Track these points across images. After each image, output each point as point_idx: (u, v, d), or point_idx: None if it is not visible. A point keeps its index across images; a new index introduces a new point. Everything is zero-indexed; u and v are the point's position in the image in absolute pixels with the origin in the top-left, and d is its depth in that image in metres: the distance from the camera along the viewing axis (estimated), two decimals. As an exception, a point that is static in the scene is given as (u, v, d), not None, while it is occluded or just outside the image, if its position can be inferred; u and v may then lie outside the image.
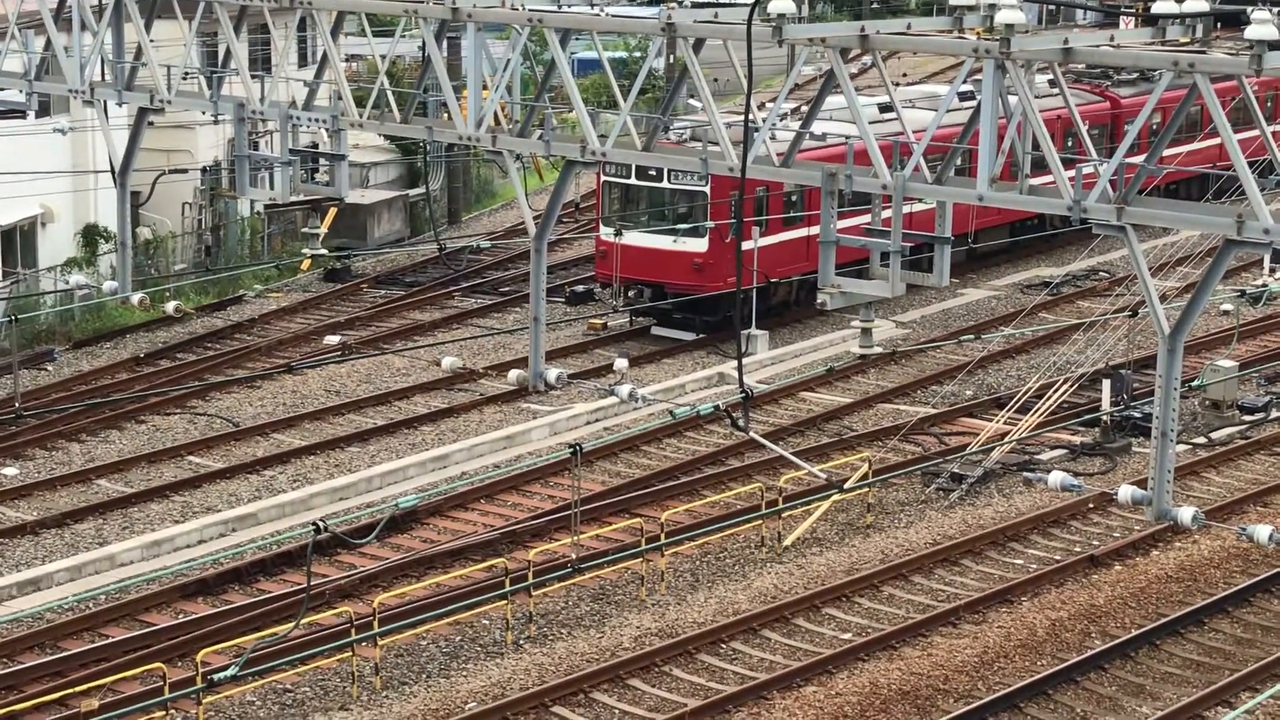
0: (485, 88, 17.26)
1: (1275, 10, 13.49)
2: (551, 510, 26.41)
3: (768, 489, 26.35)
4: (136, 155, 20.88)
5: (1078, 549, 25.64)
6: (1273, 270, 32.09)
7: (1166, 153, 33.23)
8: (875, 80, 39.20)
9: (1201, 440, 30.01)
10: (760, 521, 25.38)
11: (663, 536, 24.31)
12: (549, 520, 25.92)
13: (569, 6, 17.62)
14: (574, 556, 13.95)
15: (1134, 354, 31.67)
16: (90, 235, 38.45)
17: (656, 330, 36.97)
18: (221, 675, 11.64)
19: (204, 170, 41.66)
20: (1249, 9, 13.14)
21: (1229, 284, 27.46)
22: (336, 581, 23.70)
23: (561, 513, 25.18)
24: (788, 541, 25.68)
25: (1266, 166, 15.29)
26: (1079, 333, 32.67)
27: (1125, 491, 13.87)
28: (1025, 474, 27.58)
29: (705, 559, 25.16)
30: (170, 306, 22.12)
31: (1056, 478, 14.60)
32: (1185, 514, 13.54)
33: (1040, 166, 14.71)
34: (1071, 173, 14.09)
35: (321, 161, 20.32)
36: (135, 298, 20.85)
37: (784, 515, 25.77)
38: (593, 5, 17.78)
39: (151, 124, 21.67)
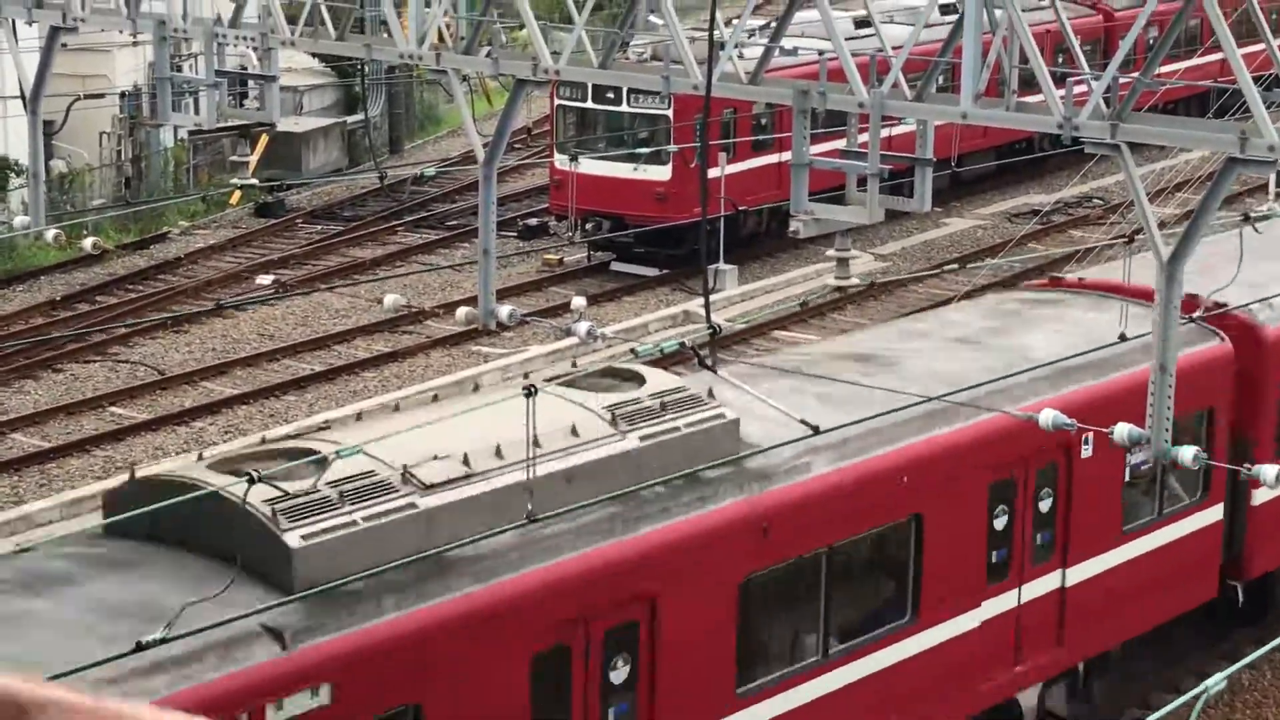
0: (428, 2, 17.18)
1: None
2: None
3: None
4: (49, 80, 20.71)
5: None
6: (1278, 194, 32.24)
7: (1164, 70, 33.26)
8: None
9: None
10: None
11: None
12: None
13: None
14: (529, 508, 14.00)
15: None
16: (-1, 168, 38.20)
17: (617, 266, 36.97)
18: (150, 639, 11.65)
19: (122, 96, 41.35)
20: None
21: (1230, 209, 27.56)
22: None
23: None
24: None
25: (1272, 81, 15.32)
26: (1071, 263, 32.79)
27: (1121, 430, 13.95)
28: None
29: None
30: (88, 243, 22.02)
31: (1048, 416, 14.67)
32: (1186, 453, 13.64)
33: (1028, 85, 14.73)
34: (1062, 91, 14.11)
35: (251, 84, 20.23)
36: (50, 234, 20.75)
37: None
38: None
39: (64, 46, 21.48)
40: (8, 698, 0.85)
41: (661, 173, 35.30)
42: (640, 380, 16.09)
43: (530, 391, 13.89)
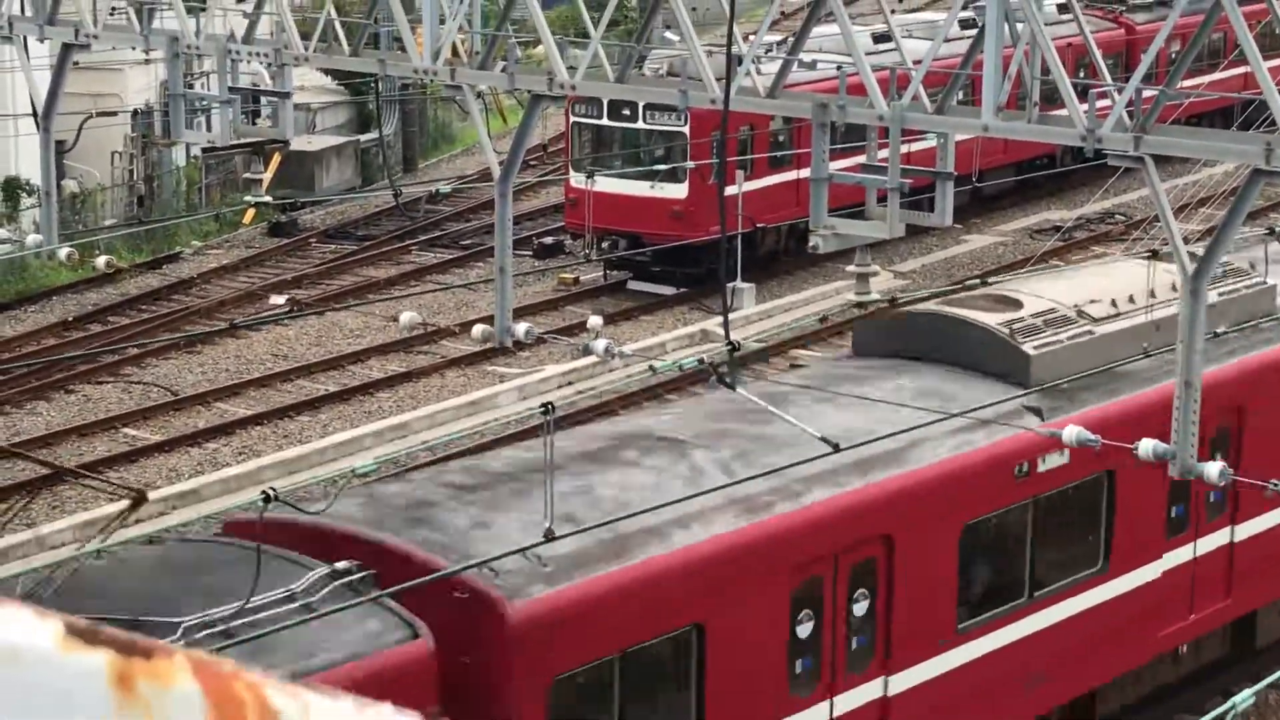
0: (442, 18, 17.23)
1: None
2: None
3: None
4: (60, 98, 20.80)
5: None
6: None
7: (1187, 83, 33.24)
8: (867, 9, 39.22)
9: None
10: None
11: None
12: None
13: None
14: (548, 525, 14.01)
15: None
16: (11, 188, 38.30)
17: (634, 284, 37.00)
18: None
19: (135, 114, 41.49)
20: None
21: (1255, 224, 27.55)
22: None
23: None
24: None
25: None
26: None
27: (1146, 446, 13.96)
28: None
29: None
30: (101, 261, 22.10)
31: (1072, 433, 14.68)
32: (1212, 469, 13.64)
33: (1050, 100, 14.76)
34: (1085, 104, 14.14)
35: (264, 102, 20.29)
36: (62, 253, 20.83)
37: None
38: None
39: (77, 64, 21.59)
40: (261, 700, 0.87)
41: (678, 190, 35.33)
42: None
43: (1154, 254, 19.76)
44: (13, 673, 0.93)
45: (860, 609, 16.58)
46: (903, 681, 16.99)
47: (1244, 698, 10.33)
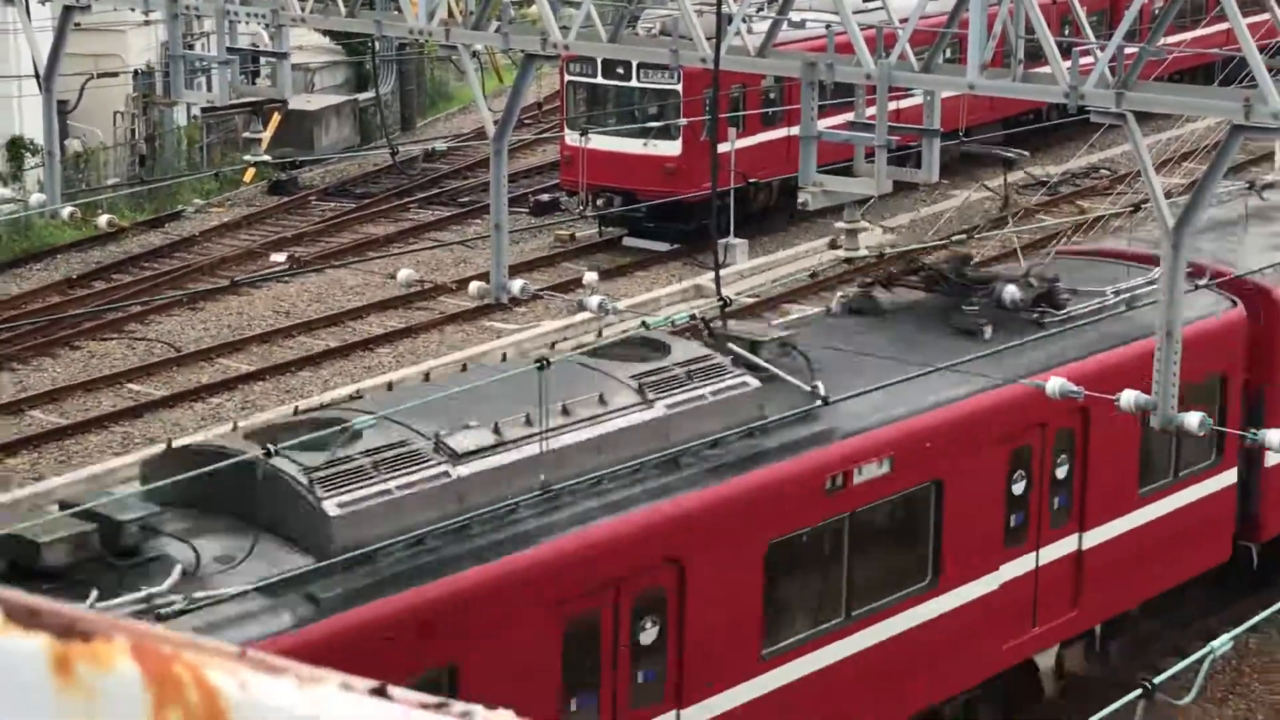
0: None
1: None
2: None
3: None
4: (62, 59, 20.74)
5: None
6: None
7: (1169, 40, 33.15)
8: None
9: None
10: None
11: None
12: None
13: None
14: (542, 477, 14.02)
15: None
16: (15, 147, 38.20)
17: (628, 241, 36.95)
18: (167, 610, 11.71)
19: (136, 75, 41.35)
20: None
21: (1236, 177, 27.51)
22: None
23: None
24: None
25: (1277, 50, 15.29)
26: (1078, 233, 32.74)
27: (1128, 397, 13.96)
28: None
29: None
30: (103, 220, 22.08)
31: (1055, 384, 14.69)
32: (1192, 419, 13.65)
33: (1034, 58, 14.71)
34: (1068, 62, 14.10)
35: (263, 62, 20.23)
36: (65, 212, 20.79)
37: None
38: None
39: (78, 25, 21.51)
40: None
41: (672, 148, 35.25)
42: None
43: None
44: None
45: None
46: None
47: (1222, 643, 10.36)
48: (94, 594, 11.82)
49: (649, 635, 14.16)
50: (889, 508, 16.30)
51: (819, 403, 15.19)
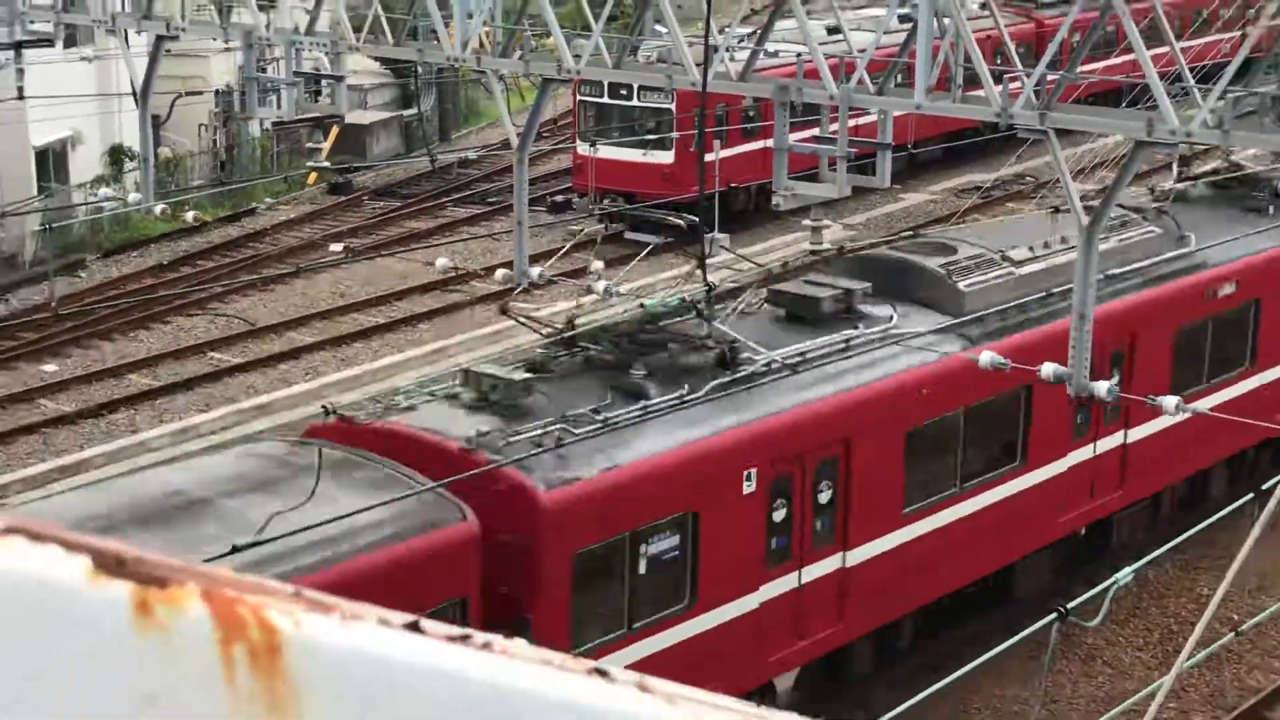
0: (470, 14, 17.09)
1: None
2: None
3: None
4: (155, 80, 20.69)
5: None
6: (1180, 174, 32.05)
7: (1085, 68, 33.02)
8: (821, 6, 38.89)
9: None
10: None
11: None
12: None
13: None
14: (556, 434, 13.98)
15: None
16: (116, 154, 38.10)
17: (629, 235, 36.85)
18: (242, 541, 11.69)
19: (217, 94, 41.24)
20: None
21: (1141, 184, 27.44)
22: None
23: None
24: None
25: (1175, 77, 15.25)
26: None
27: (1047, 369, 13.94)
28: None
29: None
30: (190, 216, 22.04)
31: (987, 358, 14.66)
32: (1101, 388, 13.63)
33: (971, 82, 14.66)
34: (1000, 86, 14.05)
35: (323, 83, 20.15)
36: (158, 208, 20.77)
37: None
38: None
39: (168, 51, 21.45)
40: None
41: (666, 156, 35.16)
42: None
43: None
44: (47, 602, 0.91)
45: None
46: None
47: (1124, 574, 10.35)
48: (853, 329, 16.51)
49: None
50: (1234, 314, 21.28)
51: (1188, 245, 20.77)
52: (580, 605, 13.30)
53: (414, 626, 1.01)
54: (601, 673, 1.06)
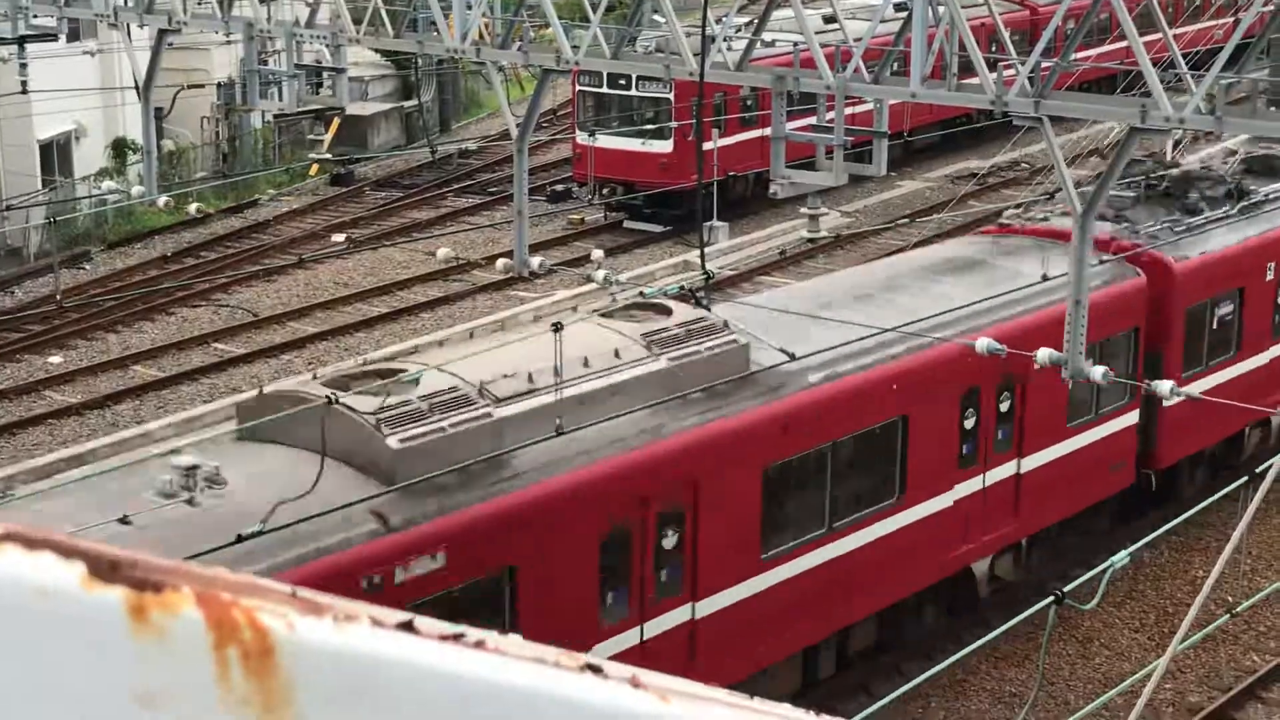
0: (470, 5, 17.06)
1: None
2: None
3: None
4: (158, 73, 20.65)
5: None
6: (1173, 160, 32.02)
7: (1079, 55, 32.97)
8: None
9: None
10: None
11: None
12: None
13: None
14: (558, 420, 14.00)
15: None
16: (119, 147, 38.06)
17: (629, 224, 36.84)
18: (250, 529, 11.72)
19: (219, 86, 41.19)
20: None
21: (1135, 170, 27.41)
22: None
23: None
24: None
25: (1168, 64, 15.23)
26: (1003, 217, 32.62)
27: (1043, 354, 13.95)
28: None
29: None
30: (193, 208, 22.01)
31: (983, 344, 14.66)
32: (1096, 371, 13.63)
33: (966, 70, 14.64)
34: (995, 74, 14.03)
35: (324, 75, 20.12)
36: (161, 200, 20.73)
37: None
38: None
39: (171, 45, 21.41)
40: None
41: (665, 146, 35.13)
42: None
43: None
44: (43, 608, 0.91)
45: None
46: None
47: (1120, 558, 10.36)
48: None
49: None
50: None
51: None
52: (1188, 346, 20.42)
53: (407, 626, 1.01)
54: (595, 669, 1.06)
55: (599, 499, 13.57)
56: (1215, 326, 20.93)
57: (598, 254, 28.28)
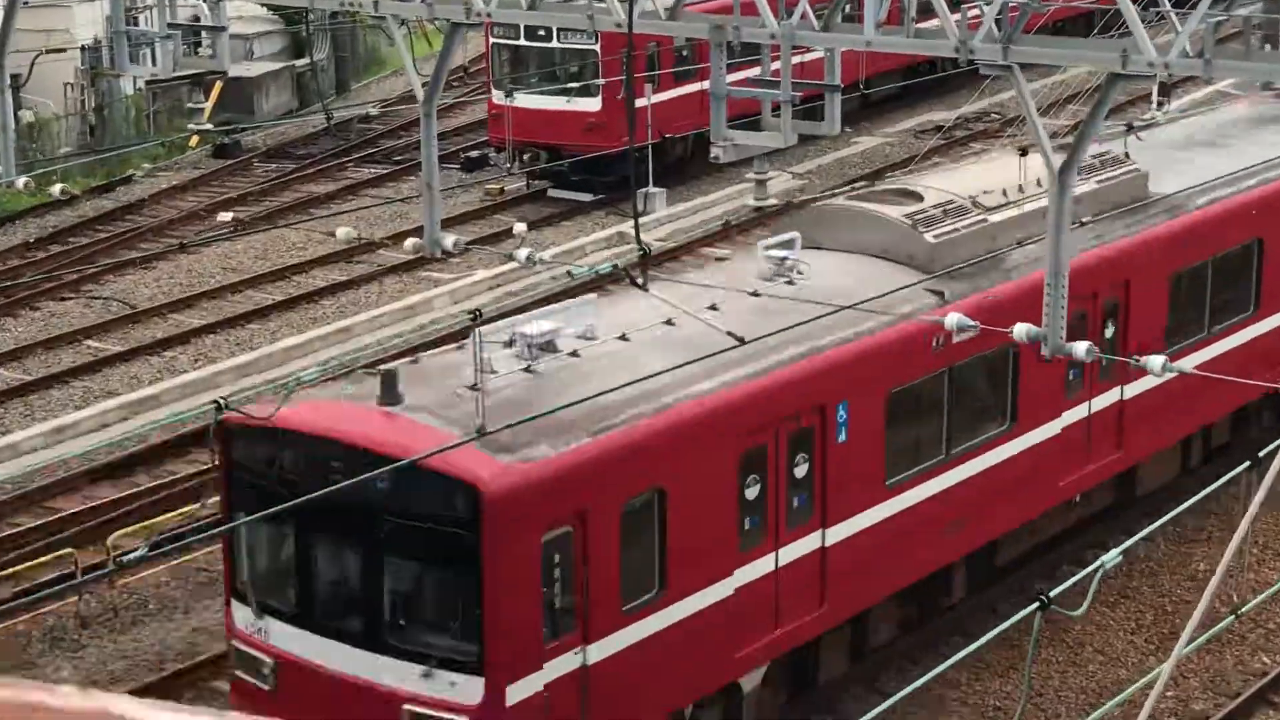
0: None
1: None
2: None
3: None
4: (12, 35, 20.39)
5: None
6: (1160, 103, 32.32)
7: (1053, -8, 33.14)
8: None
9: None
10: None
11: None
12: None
13: None
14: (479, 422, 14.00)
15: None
16: (-30, 121, 37.58)
17: (554, 192, 36.81)
18: (131, 557, 11.63)
19: (83, 49, 40.79)
20: None
21: (1115, 119, 27.62)
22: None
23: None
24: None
25: (1149, 1, 15.33)
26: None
27: (1021, 329, 14.05)
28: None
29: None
30: (57, 189, 21.78)
31: (953, 319, 14.76)
32: (1080, 348, 13.75)
33: (927, 12, 14.70)
34: (957, 17, 14.09)
35: (203, 34, 19.96)
36: (20, 181, 20.48)
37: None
38: None
39: (26, 3, 21.16)
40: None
41: (592, 104, 35.10)
42: None
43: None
44: None
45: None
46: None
47: (1110, 557, 10.46)
48: None
49: None
50: None
51: None
52: None
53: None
54: None
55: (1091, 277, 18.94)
56: None
57: (520, 228, 28.16)
